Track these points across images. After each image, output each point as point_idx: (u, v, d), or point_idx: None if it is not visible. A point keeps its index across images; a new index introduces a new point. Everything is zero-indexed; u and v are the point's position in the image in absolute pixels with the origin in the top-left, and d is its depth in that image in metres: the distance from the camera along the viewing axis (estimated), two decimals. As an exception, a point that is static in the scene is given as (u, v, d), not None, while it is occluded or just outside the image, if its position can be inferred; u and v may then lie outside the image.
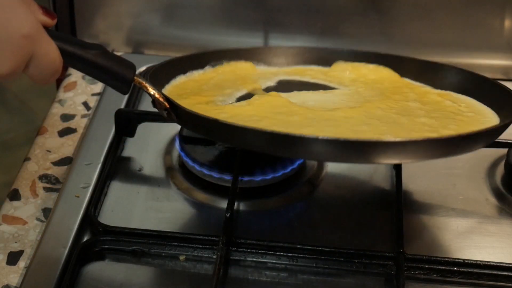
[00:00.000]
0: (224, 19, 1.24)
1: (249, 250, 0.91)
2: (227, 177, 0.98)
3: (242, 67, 1.08)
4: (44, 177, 1.03)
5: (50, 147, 1.08)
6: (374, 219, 0.98)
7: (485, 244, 0.95)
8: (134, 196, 1.00)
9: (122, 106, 1.10)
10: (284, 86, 1.04)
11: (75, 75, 1.21)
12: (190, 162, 1.00)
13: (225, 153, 1.01)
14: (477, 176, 1.04)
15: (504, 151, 1.04)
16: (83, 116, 1.14)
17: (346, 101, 1.00)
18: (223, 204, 0.94)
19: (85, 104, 1.16)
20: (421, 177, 1.03)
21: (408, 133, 0.89)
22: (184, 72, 1.04)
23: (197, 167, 1.00)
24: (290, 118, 0.91)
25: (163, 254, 0.92)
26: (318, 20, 1.21)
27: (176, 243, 0.92)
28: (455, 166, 1.06)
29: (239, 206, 0.98)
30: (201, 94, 0.99)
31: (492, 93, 1.00)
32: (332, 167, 1.04)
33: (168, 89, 0.99)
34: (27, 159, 1.06)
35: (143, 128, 1.06)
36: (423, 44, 1.23)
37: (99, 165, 1.01)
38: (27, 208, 0.98)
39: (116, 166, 1.03)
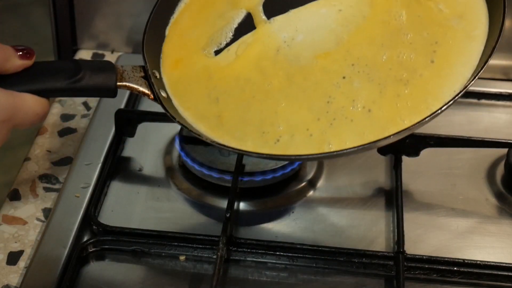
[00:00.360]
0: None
1: (249, 250, 0.91)
2: (227, 177, 0.98)
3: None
4: (44, 177, 1.03)
5: (50, 147, 1.08)
6: (374, 219, 0.98)
7: (485, 244, 0.95)
8: (134, 196, 1.00)
9: (122, 106, 1.10)
10: None
11: (75, 75, 1.21)
12: (190, 162, 1.00)
13: (225, 153, 1.01)
14: (477, 176, 1.04)
15: (504, 151, 1.04)
16: (83, 116, 1.14)
17: (336, 25, 0.94)
18: (223, 204, 0.94)
19: (85, 104, 1.16)
20: (421, 177, 1.03)
21: (378, 94, 0.87)
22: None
23: (196, 167, 1.00)
24: (270, 86, 0.90)
25: (163, 254, 0.92)
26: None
27: (176, 243, 0.92)
28: (455, 166, 1.06)
29: (239, 206, 0.98)
30: (200, 27, 0.96)
31: None
32: (332, 168, 1.04)
33: (174, 18, 0.97)
34: (27, 159, 1.06)
35: (143, 128, 1.06)
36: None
37: (99, 165, 1.01)
38: (27, 208, 0.98)
39: (116, 166, 1.03)
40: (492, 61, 1.23)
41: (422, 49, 0.90)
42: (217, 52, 0.93)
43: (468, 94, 1.18)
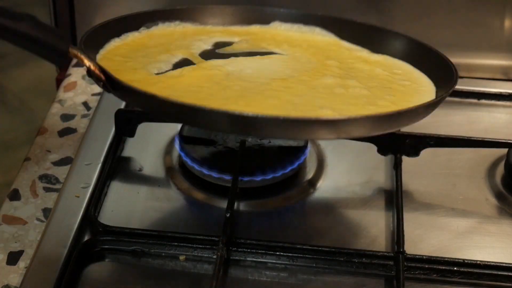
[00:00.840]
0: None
1: (249, 250, 0.91)
2: (227, 177, 0.98)
3: (177, 29, 1.06)
4: (44, 177, 1.03)
5: (50, 147, 1.08)
6: (374, 219, 0.98)
7: (485, 244, 0.95)
8: (134, 196, 1.00)
9: (122, 106, 1.10)
10: (219, 49, 1.03)
11: (75, 75, 1.22)
12: (189, 162, 1.00)
13: (225, 153, 1.01)
14: (477, 176, 1.04)
15: (504, 151, 1.04)
16: (83, 116, 1.14)
17: (284, 68, 0.98)
18: (223, 204, 0.94)
19: (85, 104, 1.16)
20: (421, 177, 1.03)
21: (345, 105, 0.89)
22: (118, 34, 1.02)
23: (196, 167, 1.00)
24: (227, 90, 0.89)
25: (163, 254, 0.92)
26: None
27: (176, 243, 0.92)
28: (455, 166, 1.06)
29: (239, 206, 0.98)
30: (137, 59, 0.97)
31: (428, 60, 1.00)
32: (332, 167, 1.04)
33: (102, 54, 0.97)
34: (27, 159, 1.06)
35: (143, 128, 1.06)
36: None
37: (99, 165, 1.01)
38: (27, 208, 0.98)
39: (116, 166, 1.03)
40: (492, 61, 1.24)
41: (376, 90, 0.93)
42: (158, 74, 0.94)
43: (468, 94, 1.18)
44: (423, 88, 0.97)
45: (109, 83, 0.87)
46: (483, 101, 1.18)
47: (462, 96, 1.18)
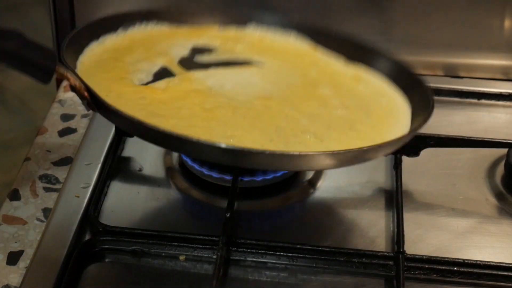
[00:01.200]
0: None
1: (249, 250, 0.91)
2: (227, 177, 0.98)
3: (154, 30, 1.06)
4: (44, 177, 1.03)
5: (50, 147, 1.08)
6: (374, 219, 0.98)
7: (485, 244, 0.95)
8: (134, 196, 1.00)
9: (122, 106, 1.10)
10: (197, 56, 1.03)
11: (75, 75, 1.21)
12: (190, 162, 1.00)
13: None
14: (477, 176, 1.04)
15: (504, 151, 1.04)
16: (83, 116, 1.14)
17: (264, 83, 0.99)
18: (223, 204, 0.94)
19: (85, 104, 1.16)
20: (421, 177, 1.03)
21: (327, 129, 0.90)
22: (97, 37, 1.01)
23: (197, 167, 1.00)
24: (211, 110, 0.90)
25: (163, 254, 0.92)
26: (317, 20, 1.20)
27: (176, 243, 0.92)
28: (455, 166, 1.06)
29: (239, 206, 0.98)
30: (116, 67, 0.97)
31: (405, 80, 1.02)
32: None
33: (82, 62, 0.97)
34: (27, 159, 1.06)
35: (143, 128, 1.06)
36: (422, 44, 1.23)
37: (99, 165, 1.01)
38: (27, 208, 0.98)
39: (116, 166, 1.03)
40: (492, 61, 1.24)
41: (354, 108, 0.96)
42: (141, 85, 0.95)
43: (468, 94, 1.18)
44: (398, 108, 0.99)
45: (94, 102, 0.87)
46: (483, 101, 1.18)
47: (462, 96, 1.18)
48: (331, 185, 1.02)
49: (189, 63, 1.02)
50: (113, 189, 1.00)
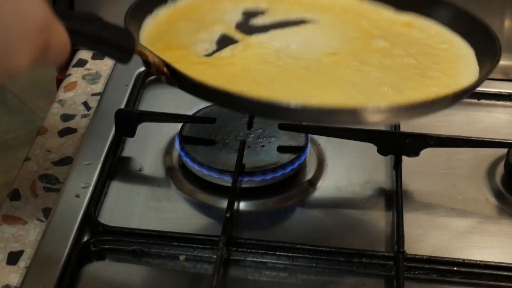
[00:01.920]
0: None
1: (249, 250, 0.91)
2: (227, 177, 0.98)
3: (203, 1, 1.04)
4: (44, 177, 1.03)
5: (50, 147, 1.08)
6: (374, 219, 0.98)
7: (485, 244, 0.95)
8: (134, 196, 1.00)
9: (122, 106, 1.10)
10: (252, 20, 1.01)
11: (75, 75, 1.22)
12: (190, 162, 1.00)
13: (225, 153, 1.01)
14: (477, 176, 1.04)
15: (504, 151, 1.04)
16: (83, 116, 1.14)
17: (327, 39, 0.97)
18: (223, 204, 0.94)
19: (85, 104, 1.16)
20: (421, 177, 1.04)
21: (401, 79, 0.88)
22: (150, 11, 0.99)
23: (196, 167, 1.00)
24: (287, 72, 0.88)
25: (163, 254, 0.92)
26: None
27: (176, 243, 0.92)
28: (455, 166, 1.06)
29: (239, 206, 0.98)
30: (178, 40, 0.95)
31: (462, 22, 1.00)
32: (332, 167, 1.04)
33: (144, 38, 0.94)
34: (27, 159, 1.06)
35: (143, 128, 1.06)
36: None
37: (99, 165, 1.01)
38: (27, 208, 0.98)
39: (116, 166, 1.03)
40: (492, 61, 1.23)
41: (419, 56, 0.93)
42: (207, 56, 0.92)
43: (468, 94, 1.18)
44: (462, 51, 0.96)
45: (173, 76, 0.84)
46: (483, 101, 1.18)
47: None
48: (331, 185, 1.02)
49: (247, 27, 0.99)
50: (113, 189, 1.00)
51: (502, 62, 1.23)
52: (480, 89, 1.19)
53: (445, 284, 0.90)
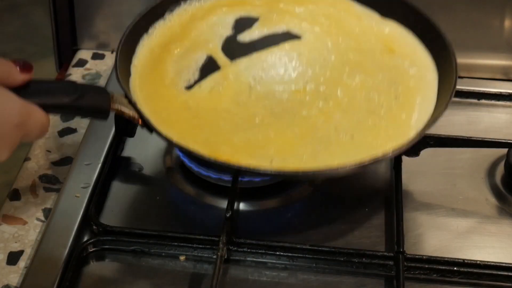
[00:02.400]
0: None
1: (249, 250, 0.91)
2: (225, 178, 0.98)
3: (197, 6, 1.09)
4: (44, 177, 1.03)
5: (50, 147, 1.08)
6: (374, 219, 0.98)
7: (485, 244, 0.95)
8: (134, 196, 1.00)
9: (122, 106, 1.10)
10: (240, 35, 1.06)
11: (75, 75, 1.21)
12: (187, 162, 1.00)
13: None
14: (477, 176, 1.04)
15: (504, 151, 1.04)
16: (83, 116, 1.14)
17: (301, 65, 1.01)
18: (223, 204, 0.94)
19: (85, 104, 1.16)
20: (421, 177, 1.03)
21: (357, 122, 0.94)
22: (146, 30, 1.04)
23: (194, 167, 1.00)
24: (252, 118, 0.94)
25: (163, 254, 0.92)
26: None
27: (176, 243, 0.92)
28: (455, 166, 1.06)
29: (239, 206, 0.98)
30: (165, 68, 1.00)
31: (432, 39, 1.04)
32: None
33: (135, 65, 1.00)
34: (27, 159, 1.06)
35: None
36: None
37: (99, 165, 1.01)
38: (27, 208, 0.98)
39: (116, 166, 1.03)
40: (492, 61, 1.24)
41: (384, 89, 0.98)
42: (188, 88, 0.98)
43: (468, 94, 1.18)
44: (428, 77, 1.00)
45: (147, 126, 0.91)
46: (483, 101, 1.18)
47: (462, 96, 1.18)
48: (331, 185, 1.02)
49: (232, 47, 1.04)
50: (113, 189, 1.00)
51: (502, 62, 1.23)
52: (480, 89, 1.19)
53: (445, 284, 0.90)
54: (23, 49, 2.46)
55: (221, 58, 1.02)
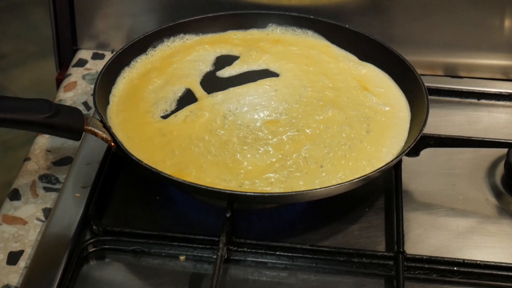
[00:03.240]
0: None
1: (249, 250, 0.91)
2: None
3: (180, 44, 1.14)
4: (44, 177, 1.03)
5: (50, 147, 1.08)
6: (374, 219, 0.98)
7: (485, 244, 0.95)
8: (134, 196, 0.99)
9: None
10: (219, 71, 1.11)
11: (75, 75, 1.22)
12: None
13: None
14: (477, 176, 1.04)
15: (504, 151, 1.04)
16: (83, 116, 1.14)
17: (278, 99, 1.05)
18: (223, 204, 0.94)
19: (85, 104, 1.16)
20: (421, 177, 1.03)
21: (327, 153, 0.97)
22: (128, 63, 1.10)
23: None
24: (223, 143, 0.98)
25: (163, 254, 0.92)
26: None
27: (176, 243, 0.92)
28: (455, 166, 1.06)
29: (239, 206, 0.98)
30: (142, 98, 1.05)
31: (407, 81, 1.08)
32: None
33: (114, 94, 1.05)
34: (27, 159, 1.06)
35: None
36: (423, 44, 1.23)
37: (99, 165, 1.01)
38: (27, 208, 0.98)
39: (116, 166, 1.03)
40: (492, 61, 1.24)
41: (357, 123, 1.02)
42: (164, 117, 1.03)
43: (468, 94, 1.18)
44: (401, 114, 1.05)
45: (120, 151, 0.95)
46: (483, 101, 1.18)
47: (462, 96, 1.18)
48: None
49: (210, 82, 1.09)
50: (113, 189, 1.00)
51: (502, 62, 1.23)
52: (480, 89, 1.19)
53: (445, 284, 0.90)
54: (23, 49, 2.47)
55: (199, 91, 1.07)
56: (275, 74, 1.10)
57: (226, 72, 1.11)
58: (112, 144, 0.95)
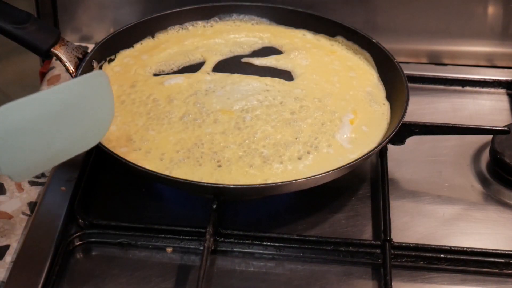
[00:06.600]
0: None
1: (236, 240, 0.91)
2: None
3: (179, 38, 1.15)
4: (29, 171, 1.02)
5: (35, 140, 1.07)
6: (361, 207, 0.98)
7: (471, 230, 0.96)
8: (120, 188, 0.99)
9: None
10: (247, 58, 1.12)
11: (58, 68, 1.21)
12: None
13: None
14: (462, 163, 1.05)
15: (489, 137, 1.04)
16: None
17: (257, 95, 1.05)
18: (209, 195, 0.94)
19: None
20: (407, 165, 1.04)
21: (309, 146, 0.97)
22: (129, 45, 1.12)
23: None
24: (170, 113, 1.01)
25: (150, 246, 0.92)
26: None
27: (163, 235, 0.92)
28: (441, 154, 1.06)
29: (225, 197, 0.97)
30: (156, 54, 1.10)
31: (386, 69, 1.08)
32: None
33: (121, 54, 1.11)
34: (11, 153, 1.05)
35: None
36: (407, 32, 1.23)
37: (84, 158, 1.01)
38: (13, 202, 0.98)
39: (101, 159, 1.02)
40: (476, 48, 1.24)
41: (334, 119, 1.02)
42: (155, 75, 1.07)
43: (452, 81, 1.18)
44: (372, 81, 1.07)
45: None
46: (467, 88, 1.19)
47: (446, 83, 1.18)
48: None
49: (232, 63, 1.11)
50: (98, 182, 1.00)
51: (486, 49, 1.24)
52: (464, 76, 1.19)
53: (432, 271, 0.90)
54: (6, 43, 2.45)
55: (208, 65, 1.09)
56: (291, 78, 1.09)
57: (256, 61, 1.11)
58: (73, 74, 0.98)
